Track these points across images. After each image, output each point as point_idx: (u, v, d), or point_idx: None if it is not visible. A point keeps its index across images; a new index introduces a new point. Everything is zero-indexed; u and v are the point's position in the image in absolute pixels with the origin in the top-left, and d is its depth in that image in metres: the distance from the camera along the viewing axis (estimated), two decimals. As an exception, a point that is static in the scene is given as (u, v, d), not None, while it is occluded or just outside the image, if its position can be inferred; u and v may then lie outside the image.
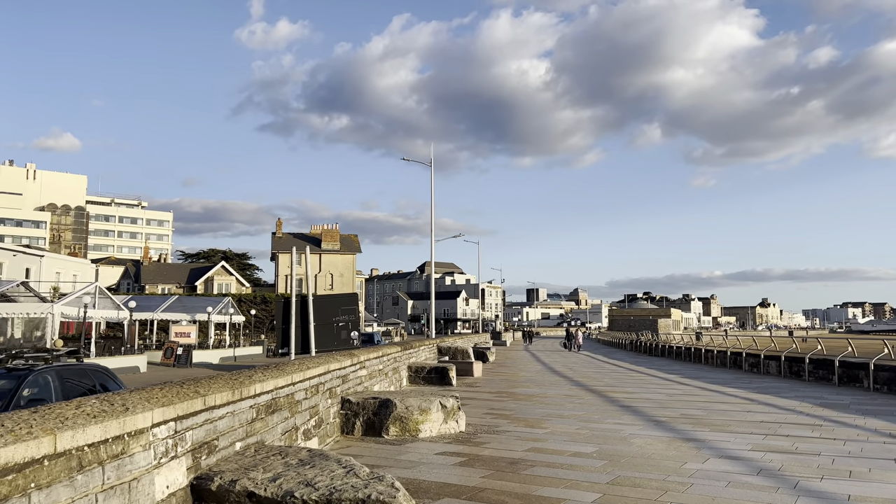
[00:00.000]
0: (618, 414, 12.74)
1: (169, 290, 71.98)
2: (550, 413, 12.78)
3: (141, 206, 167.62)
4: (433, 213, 34.18)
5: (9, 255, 48.56)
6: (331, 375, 9.29)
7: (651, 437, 9.94)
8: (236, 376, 6.05)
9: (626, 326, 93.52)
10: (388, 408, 9.65)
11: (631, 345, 51.93)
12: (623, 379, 22.03)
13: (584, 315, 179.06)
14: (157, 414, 4.22)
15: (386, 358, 14.60)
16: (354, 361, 11.05)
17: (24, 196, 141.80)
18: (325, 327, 12.63)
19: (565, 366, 29.50)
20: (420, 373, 18.47)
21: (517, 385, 19.32)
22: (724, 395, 16.55)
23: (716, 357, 30.03)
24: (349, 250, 71.91)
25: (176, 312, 37.33)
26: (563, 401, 15.09)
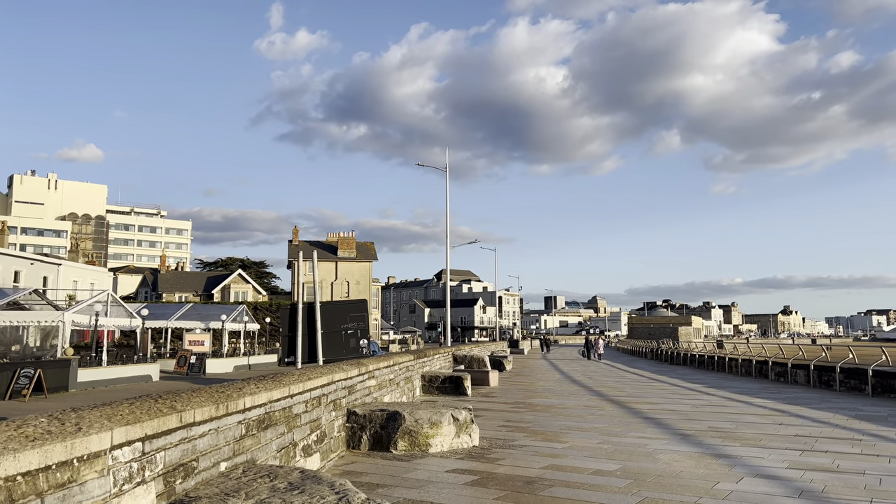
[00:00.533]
0: (641, 427, 12.06)
1: (186, 298, 72.05)
2: (570, 426, 12.13)
3: (160, 216, 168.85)
4: (448, 219, 33.65)
5: (26, 264, 48.68)
6: (335, 386, 8.74)
7: (678, 452, 9.28)
8: (224, 389, 5.52)
9: (645, 334, 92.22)
10: (396, 421, 9.08)
11: (651, 353, 50.96)
12: (645, 389, 21.28)
13: (603, 323, 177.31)
14: (119, 434, 3.68)
15: (397, 367, 14.04)
16: (362, 371, 10.50)
17: (45, 206, 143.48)
18: (334, 335, 12.10)
19: (584, 375, 28.74)
20: (434, 382, 17.88)
21: (535, 395, 18.66)
22: (752, 406, 15.78)
23: (740, 366, 29.14)
24: (365, 258, 71.55)
25: (190, 320, 37.02)
26: (582, 412, 14.43)
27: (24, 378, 19.93)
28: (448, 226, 33.74)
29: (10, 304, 25.12)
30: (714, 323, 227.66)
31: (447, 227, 33.70)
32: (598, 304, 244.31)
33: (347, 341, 12.17)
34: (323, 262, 70.74)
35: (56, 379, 21.70)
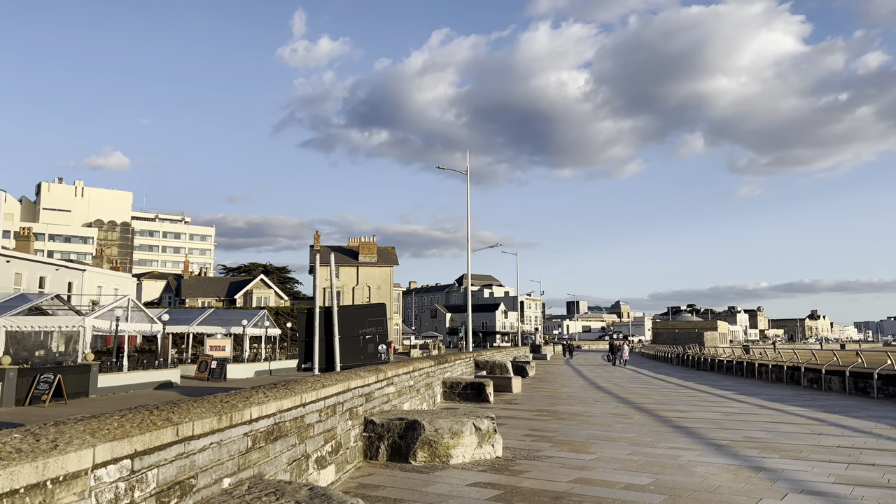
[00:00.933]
0: (672, 436, 11.52)
1: (209, 303, 72.39)
2: (597, 435, 11.63)
3: (184, 222, 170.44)
4: (469, 222, 33.23)
5: (51, 270, 49.11)
6: (351, 394, 8.36)
7: (714, 464, 8.75)
8: (229, 398, 5.15)
9: (670, 339, 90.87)
10: (415, 430, 8.67)
11: (677, 358, 50.00)
12: (673, 395, 20.65)
13: (627, 328, 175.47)
14: (103, 450, 3.32)
15: (417, 373, 13.64)
16: (381, 378, 10.11)
17: (72, 213, 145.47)
18: (351, 340, 11.73)
19: (609, 381, 28.10)
20: (455, 389, 17.45)
21: (559, 402, 18.14)
22: (787, 413, 15.13)
23: (770, 371, 28.30)
24: (386, 262, 71.36)
25: (212, 325, 36.99)
26: (610, 420, 13.90)
27: (43, 383, 19.86)
28: (469, 229, 33.34)
29: (32, 309, 25.13)
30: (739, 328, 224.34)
31: (468, 231, 33.30)
32: (621, 309, 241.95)
33: (366, 346, 11.79)
34: (344, 267, 70.74)
35: (76, 384, 21.63)
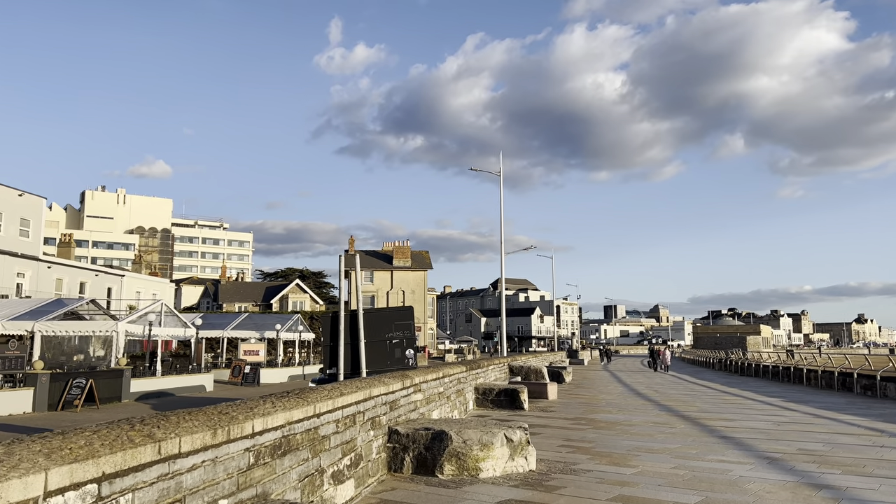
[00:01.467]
0: (719, 448, 10.75)
1: (245, 308, 72.98)
2: (638, 446, 10.92)
3: (223, 228, 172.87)
4: (503, 224, 32.60)
5: (91, 275, 49.90)
6: (374, 402, 7.84)
7: (768, 481, 8.00)
8: (230, 409, 4.66)
9: (711, 344, 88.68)
10: (442, 441, 8.11)
11: (719, 364, 48.54)
12: (717, 403, 19.71)
13: (666, 332, 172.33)
14: (59, 475, 2.83)
15: (448, 379, 13.08)
16: (407, 384, 9.58)
17: (114, 220, 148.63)
18: (377, 345, 11.23)
19: (649, 387, 27.16)
20: (488, 395, 16.85)
21: (597, 410, 17.39)
22: (842, 423, 14.17)
23: (820, 378, 27.04)
24: (420, 267, 71.03)
25: (246, 330, 37.01)
26: (651, 430, 13.14)
27: (76, 388, 19.83)
28: (502, 232, 32.69)
29: (67, 314, 25.29)
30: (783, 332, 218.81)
31: (501, 233, 32.66)
32: (660, 313, 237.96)
33: (392, 351, 11.28)
34: (378, 271, 70.63)
35: (109, 389, 21.60)
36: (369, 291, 68.10)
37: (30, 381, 19.05)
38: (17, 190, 42.15)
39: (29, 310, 24.48)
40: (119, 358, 23.11)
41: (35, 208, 44.01)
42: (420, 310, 70.24)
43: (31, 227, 43.47)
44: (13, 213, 41.78)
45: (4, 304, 25.92)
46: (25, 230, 42.92)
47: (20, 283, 41.79)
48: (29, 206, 43.26)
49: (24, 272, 42.14)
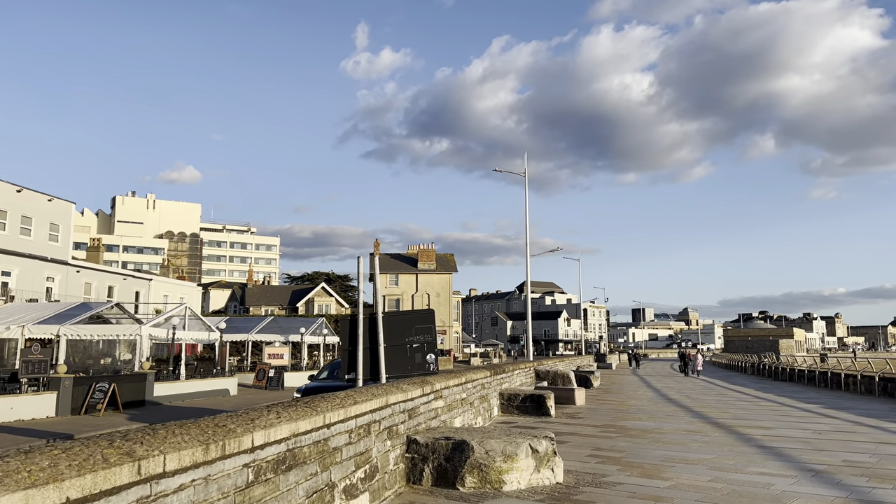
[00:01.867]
0: (758, 458, 10.15)
1: (272, 311, 73.26)
2: (671, 456, 10.37)
3: (250, 232, 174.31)
4: (527, 225, 32.06)
5: (119, 279, 50.37)
6: (391, 410, 7.44)
7: (815, 496, 7.43)
8: (227, 421, 4.29)
9: (743, 348, 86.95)
10: (463, 452, 7.67)
11: (752, 368, 47.37)
12: (752, 409, 18.97)
13: (696, 336, 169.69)
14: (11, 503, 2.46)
15: (471, 385, 12.65)
16: (427, 391, 9.17)
17: (144, 225, 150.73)
18: (397, 349, 10.83)
19: (681, 392, 26.40)
20: (513, 401, 16.38)
21: (627, 416, 16.80)
22: (888, 433, 13.43)
23: (859, 383, 26.05)
24: (445, 269, 70.62)
25: (271, 333, 36.94)
26: (684, 438, 12.56)
27: (98, 392, 19.76)
28: (527, 232, 32.17)
29: (93, 317, 25.35)
30: (816, 335, 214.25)
31: (527, 234, 32.13)
32: (689, 316, 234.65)
33: (413, 356, 10.86)
34: (403, 274, 70.37)
35: (132, 393, 21.53)
36: (394, 294, 67.87)
37: (53, 384, 19.02)
38: (46, 195, 42.68)
39: (55, 313, 24.56)
40: (143, 362, 23.04)
41: (64, 213, 44.52)
42: (445, 313, 69.82)
43: (61, 231, 43.98)
44: (42, 217, 42.30)
45: (31, 308, 26.07)
46: (55, 235, 43.43)
47: (50, 287, 42.27)
48: (58, 210, 43.77)
49: (53, 276, 42.62)
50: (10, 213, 39.72)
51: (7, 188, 39.63)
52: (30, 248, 40.76)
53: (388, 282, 69.82)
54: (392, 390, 7.73)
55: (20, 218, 40.37)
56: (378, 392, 7.26)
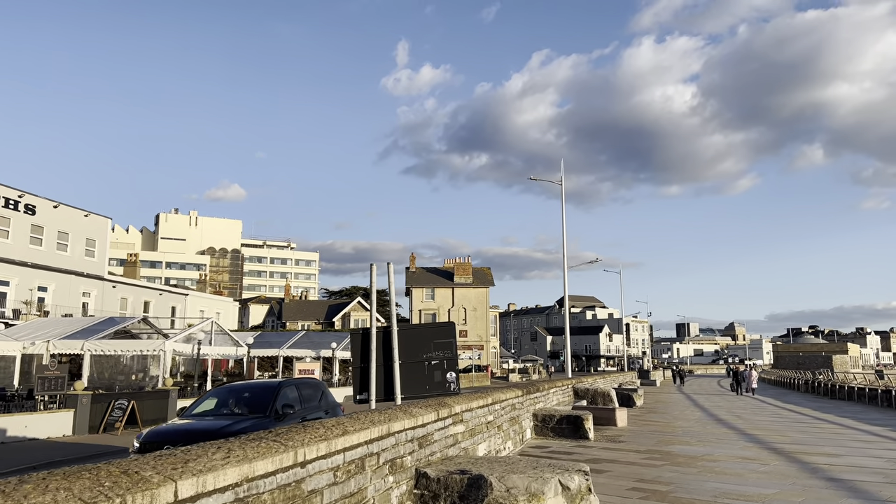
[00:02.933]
0: (829, 495, 8.75)
1: (308, 326, 73.02)
2: (727, 490, 9.03)
3: (290, 248, 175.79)
4: (565, 234, 30.75)
5: (155, 294, 50.47)
6: (394, 440, 6.35)
7: (910, 550, 6.06)
8: (141, 466, 3.26)
9: (793, 364, 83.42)
10: (480, 489, 6.52)
11: (805, 385, 44.90)
12: (813, 433, 17.32)
13: (743, 351, 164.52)
14: None
15: (498, 406, 11.46)
16: (444, 414, 8.06)
17: (187, 241, 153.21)
18: (414, 366, 9.75)
19: (731, 412, 24.69)
20: (548, 422, 15.12)
21: (673, 440, 15.38)
22: (976, 463, 11.78)
23: (929, 403, 23.99)
24: (482, 283, 69.39)
25: (302, 348, 36.23)
26: (740, 467, 11.15)
27: (117, 410, 19.13)
28: (565, 242, 30.84)
29: (119, 332, 24.90)
30: (870, 351, 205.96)
31: (564, 243, 30.81)
32: (735, 331, 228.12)
33: (431, 374, 9.77)
34: (439, 288, 69.40)
35: (153, 411, 20.86)
36: (430, 309, 66.85)
37: (70, 402, 18.44)
38: (82, 210, 42.97)
39: (80, 328, 24.19)
40: (166, 378, 22.41)
41: (100, 229, 44.79)
42: (482, 328, 68.51)
43: (97, 247, 44.21)
44: (79, 233, 42.56)
45: (57, 323, 25.79)
46: (91, 250, 43.66)
47: (86, 302, 42.42)
48: (94, 226, 44.03)
49: (89, 292, 42.77)
50: (47, 228, 40.03)
51: (44, 204, 39.99)
52: (66, 264, 40.98)
53: (423, 296, 68.89)
54: (397, 416, 6.65)
55: (56, 233, 40.67)
56: (378, 418, 6.19)
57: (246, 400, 11.36)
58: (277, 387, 11.55)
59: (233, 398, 11.51)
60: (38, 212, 39.61)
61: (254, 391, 11.84)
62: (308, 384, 12.98)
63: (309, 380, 13.94)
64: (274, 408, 10.77)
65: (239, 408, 11.12)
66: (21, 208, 38.52)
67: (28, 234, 39.08)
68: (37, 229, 39.68)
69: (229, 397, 11.58)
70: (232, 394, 11.81)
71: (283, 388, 11.57)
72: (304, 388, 12.49)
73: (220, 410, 11.16)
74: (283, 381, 12.25)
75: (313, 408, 11.98)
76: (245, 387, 12.45)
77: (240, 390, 12.01)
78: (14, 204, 38.16)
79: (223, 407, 11.25)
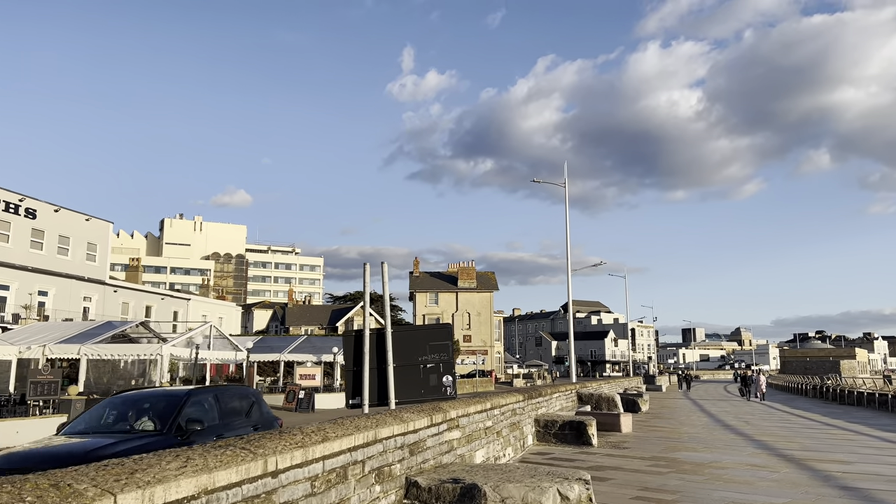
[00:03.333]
0: (844, 505, 8.32)
1: (311, 331, 72.65)
2: (735, 499, 8.61)
3: (294, 253, 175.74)
4: (568, 237, 30.35)
5: (157, 299, 50.21)
6: (381, 447, 5.97)
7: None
8: (77, 477, 2.89)
9: (801, 369, 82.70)
10: (473, 499, 6.14)
11: (814, 390, 44.32)
12: (823, 439, 16.85)
13: (749, 356, 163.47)
14: None
15: (498, 411, 11.07)
16: (438, 420, 7.68)
17: (191, 246, 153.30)
18: (409, 370, 9.37)
19: (738, 418, 24.21)
20: (550, 428, 14.71)
21: (679, 446, 14.94)
22: None
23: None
24: (486, 288, 68.96)
25: (303, 353, 35.88)
26: (749, 475, 10.72)
27: (112, 415, 18.75)
28: (568, 245, 30.45)
29: (116, 336, 24.59)
30: (878, 356, 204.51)
31: (567, 246, 30.41)
32: (742, 336, 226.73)
33: (427, 378, 9.39)
34: (443, 293, 69.02)
35: (149, 415, 20.49)
36: (434, 313, 66.46)
37: (64, 407, 18.12)
38: (83, 214, 42.76)
39: (77, 333, 23.88)
40: (163, 383, 22.07)
41: (102, 233, 44.57)
42: (486, 332, 68.04)
43: (98, 251, 43.98)
44: (80, 237, 42.35)
45: (54, 328, 25.50)
46: (92, 255, 43.43)
47: (87, 307, 42.17)
48: (96, 230, 43.81)
49: (90, 296, 42.53)
50: (48, 232, 39.83)
51: (44, 208, 39.79)
52: (67, 268, 40.75)
53: (427, 300, 68.51)
54: (386, 421, 6.27)
55: (57, 238, 40.46)
56: (364, 424, 5.81)
57: (143, 412, 9.46)
58: (185, 396, 9.61)
59: (130, 410, 9.53)
60: (38, 216, 39.42)
61: (154, 402, 9.76)
62: (233, 393, 11.03)
63: (235, 388, 11.76)
64: (176, 423, 8.98)
65: (133, 422, 9.28)
66: (21, 212, 38.33)
67: (28, 239, 38.87)
68: (37, 233, 39.48)
69: (125, 409, 9.58)
70: (128, 405, 9.70)
71: (191, 397, 9.66)
72: (227, 398, 10.60)
73: (107, 426, 9.26)
74: (194, 390, 10.23)
75: (237, 423, 10.18)
76: (144, 396, 10.28)
77: (137, 400, 9.92)
78: (14, 208, 37.96)
79: (117, 421, 9.36)
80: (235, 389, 11.37)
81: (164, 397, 10.03)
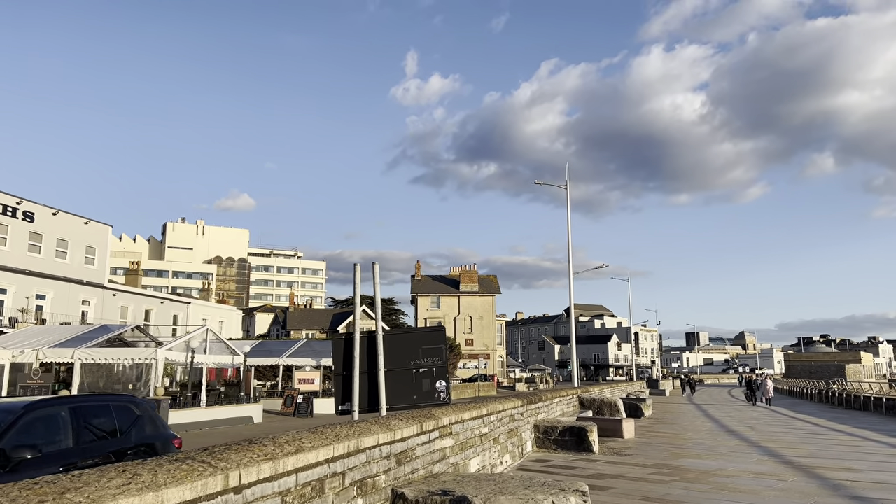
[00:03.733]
0: (856, 517, 7.92)
1: (312, 335, 72.33)
2: (742, 511, 8.22)
3: (297, 257, 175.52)
4: (570, 238, 29.99)
5: (156, 303, 49.92)
6: (365, 457, 5.61)
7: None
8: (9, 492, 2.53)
9: (805, 373, 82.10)
10: (462, 513, 5.76)
11: (819, 395, 43.81)
12: (831, 445, 16.42)
13: (753, 360, 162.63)
14: None
15: (495, 417, 10.69)
16: (429, 427, 7.32)
17: (194, 250, 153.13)
18: (401, 375, 9.01)
19: (743, 423, 23.77)
20: (550, 434, 14.32)
21: (683, 453, 14.53)
22: None
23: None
24: (488, 292, 68.56)
25: (302, 357, 35.48)
26: (755, 484, 10.32)
27: (104, 420, 18.40)
28: (570, 247, 30.07)
29: (112, 340, 24.27)
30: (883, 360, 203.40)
31: (569, 247, 30.04)
32: (745, 340, 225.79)
33: (419, 383, 9.03)
34: (445, 296, 68.62)
35: (143, 421, 20.14)
36: (436, 317, 66.09)
37: (54, 412, 17.75)
38: (82, 218, 42.50)
39: (72, 336, 23.57)
40: (157, 387, 21.73)
41: (101, 236, 44.30)
42: (488, 336, 67.62)
43: (97, 254, 43.70)
44: (79, 240, 42.07)
45: (49, 331, 25.19)
46: (91, 258, 43.15)
47: (85, 310, 41.88)
48: (95, 233, 43.55)
49: (89, 300, 42.24)
50: (46, 235, 39.57)
51: (42, 211, 39.54)
52: (65, 272, 40.47)
53: (429, 304, 68.12)
54: (370, 429, 5.91)
55: (56, 241, 40.19)
56: (345, 433, 5.44)
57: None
58: (20, 412, 7.06)
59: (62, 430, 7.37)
60: (36, 219, 39.16)
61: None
62: (102, 407, 8.28)
63: (110, 399, 8.88)
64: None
65: None
66: (19, 215, 38.10)
67: (26, 242, 38.61)
68: (35, 236, 39.22)
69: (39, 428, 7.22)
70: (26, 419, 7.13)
71: (28, 414, 7.13)
72: (92, 413, 7.99)
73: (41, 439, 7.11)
74: (35, 403, 7.53)
75: (107, 446, 7.83)
76: None
77: None
78: (12, 211, 37.73)
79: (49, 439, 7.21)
80: (109, 401, 8.65)
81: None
